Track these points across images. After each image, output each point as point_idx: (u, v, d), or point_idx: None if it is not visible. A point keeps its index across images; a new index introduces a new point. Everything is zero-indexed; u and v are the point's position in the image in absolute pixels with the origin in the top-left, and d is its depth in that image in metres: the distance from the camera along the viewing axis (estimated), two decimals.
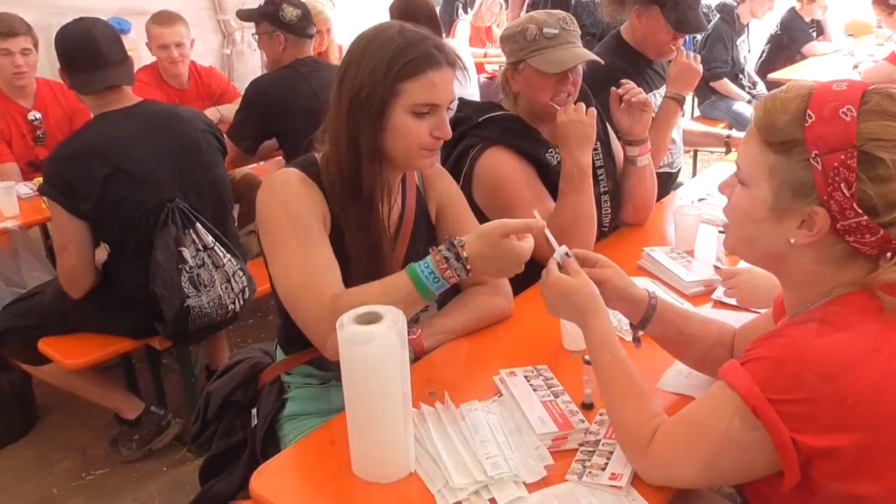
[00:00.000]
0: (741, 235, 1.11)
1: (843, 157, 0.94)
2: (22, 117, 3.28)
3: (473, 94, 3.64)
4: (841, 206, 0.96)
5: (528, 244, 1.34)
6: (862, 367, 0.95)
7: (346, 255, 1.46)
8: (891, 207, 0.95)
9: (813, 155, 0.97)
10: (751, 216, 1.06)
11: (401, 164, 1.51)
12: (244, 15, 3.35)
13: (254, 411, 1.64)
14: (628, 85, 2.09)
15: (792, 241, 1.02)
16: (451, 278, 1.34)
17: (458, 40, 5.89)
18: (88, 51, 2.19)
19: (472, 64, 3.77)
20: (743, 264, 1.90)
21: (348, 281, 1.42)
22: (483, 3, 6.99)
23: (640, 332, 1.40)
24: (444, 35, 3.70)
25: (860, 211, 0.95)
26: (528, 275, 1.56)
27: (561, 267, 1.29)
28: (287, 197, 1.43)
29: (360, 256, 1.47)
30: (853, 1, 5.93)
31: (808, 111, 0.98)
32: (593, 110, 1.87)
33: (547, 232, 1.34)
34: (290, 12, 3.00)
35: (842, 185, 0.95)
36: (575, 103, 1.90)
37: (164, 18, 3.52)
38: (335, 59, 4.10)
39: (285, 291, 1.42)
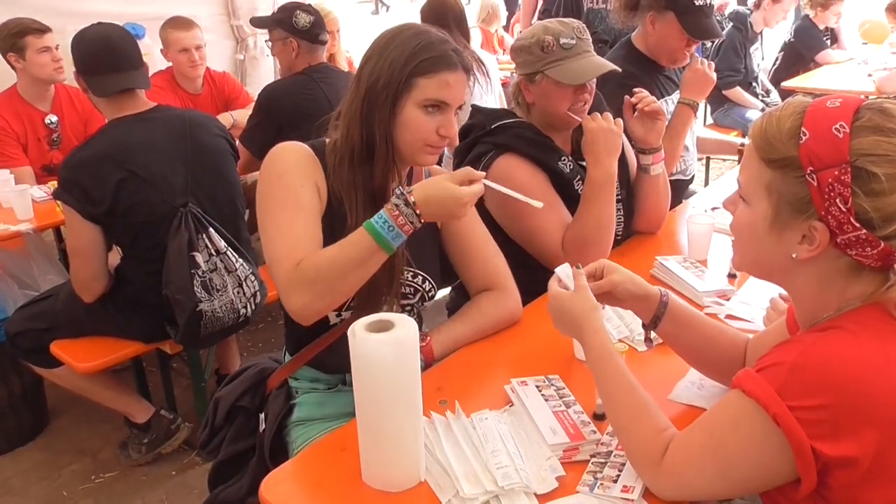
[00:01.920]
0: (746, 252, 1.13)
1: (836, 172, 0.95)
2: (40, 121, 3.31)
3: (493, 102, 3.64)
4: (839, 220, 0.97)
5: (472, 189, 1.37)
6: (881, 373, 0.95)
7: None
8: (887, 221, 0.95)
9: (808, 171, 0.98)
10: (752, 232, 1.07)
11: (405, 158, 1.54)
12: (258, 22, 3.38)
13: (262, 416, 1.64)
14: (641, 93, 2.09)
15: (794, 255, 1.03)
16: (404, 225, 1.35)
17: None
18: (105, 54, 2.21)
19: (496, 72, 3.77)
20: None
21: None
22: (491, 7, 6.97)
23: (653, 334, 1.39)
24: (470, 40, 3.70)
25: (858, 225, 0.96)
26: (539, 283, 1.56)
27: (561, 282, 1.32)
28: (284, 167, 1.49)
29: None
30: (867, 6, 5.89)
31: (803, 128, 0.99)
32: (620, 121, 1.86)
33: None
34: (303, 18, 3.02)
35: (837, 200, 0.96)
36: (590, 112, 1.89)
37: (181, 23, 3.56)
38: (343, 62, 4.12)
39: (268, 257, 1.45)
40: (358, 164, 1.50)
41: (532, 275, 1.71)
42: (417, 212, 1.35)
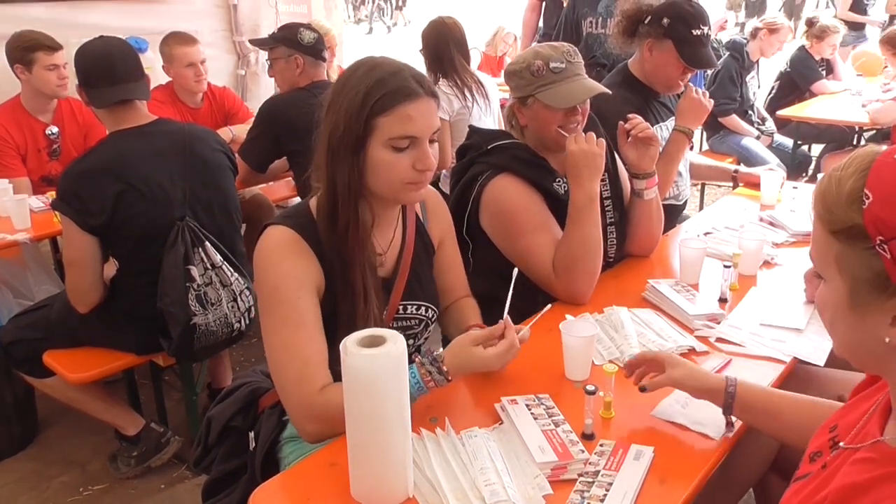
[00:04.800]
0: (835, 336, 0.96)
1: None
2: (41, 132, 3.34)
3: (492, 123, 3.67)
4: None
5: (496, 350, 1.41)
6: None
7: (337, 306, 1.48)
8: None
9: (878, 242, 0.81)
10: (834, 314, 0.92)
11: (389, 199, 1.52)
12: (258, 42, 3.39)
13: (251, 435, 1.64)
14: (635, 120, 2.11)
15: (887, 340, 0.86)
16: (432, 388, 1.41)
17: None
18: (105, 66, 2.23)
19: (495, 93, 3.80)
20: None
21: (337, 330, 1.42)
22: (498, 33, 7.11)
23: (732, 418, 1.37)
24: (470, 62, 3.74)
25: None
26: (533, 302, 1.58)
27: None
28: (277, 277, 1.44)
29: (342, 293, 1.47)
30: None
31: (865, 190, 0.83)
32: (603, 141, 1.88)
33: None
34: (307, 35, 3.07)
35: None
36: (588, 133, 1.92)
37: (185, 39, 3.59)
38: (335, 75, 4.17)
39: (276, 376, 1.45)
40: (330, 217, 1.46)
41: (526, 294, 1.72)
42: (449, 378, 1.41)
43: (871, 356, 0.91)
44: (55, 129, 3.36)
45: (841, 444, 1.00)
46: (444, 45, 3.56)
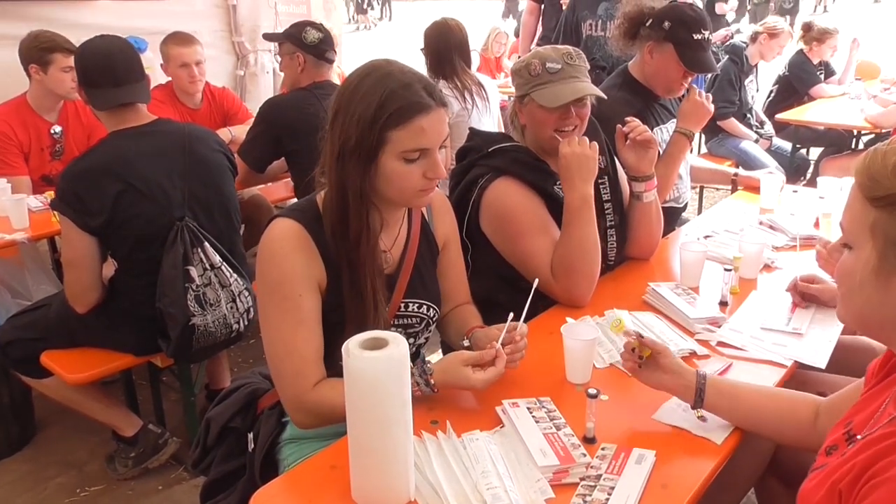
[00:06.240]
0: (851, 304, 1.01)
1: None
2: (46, 131, 3.33)
3: (491, 124, 3.67)
4: None
5: (484, 376, 1.43)
6: None
7: (343, 301, 1.49)
8: None
9: None
10: (857, 280, 0.96)
11: (399, 204, 1.54)
12: (270, 37, 3.51)
13: (250, 436, 1.64)
14: (633, 123, 2.11)
15: None
16: (418, 395, 1.43)
17: None
18: (106, 67, 2.22)
19: (495, 95, 3.79)
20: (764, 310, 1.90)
21: (343, 327, 1.45)
22: (491, 34, 7.13)
23: (702, 411, 1.41)
24: (471, 65, 3.75)
25: None
26: (532, 305, 1.57)
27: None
28: (282, 272, 1.45)
29: (350, 296, 1.48)
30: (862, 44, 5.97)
31: None
32: (596, 144, 1.88)
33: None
34: (312, 34, 3.08)
35: None
36: (581, 136, 1.92)
37: (183, 39, 3.59)
38: (336, 78, 4.18)
39: (273, 367, 1.49)
40: (339, 221, 1.47)
41: (526, 298, 1.72)
42: (435, 390, 1.45)
43: (885, 325, 0.96)
44: (59, 129, 3.36)
45: (858, 436, 1.01)
46: (446, 47, 3.56)
